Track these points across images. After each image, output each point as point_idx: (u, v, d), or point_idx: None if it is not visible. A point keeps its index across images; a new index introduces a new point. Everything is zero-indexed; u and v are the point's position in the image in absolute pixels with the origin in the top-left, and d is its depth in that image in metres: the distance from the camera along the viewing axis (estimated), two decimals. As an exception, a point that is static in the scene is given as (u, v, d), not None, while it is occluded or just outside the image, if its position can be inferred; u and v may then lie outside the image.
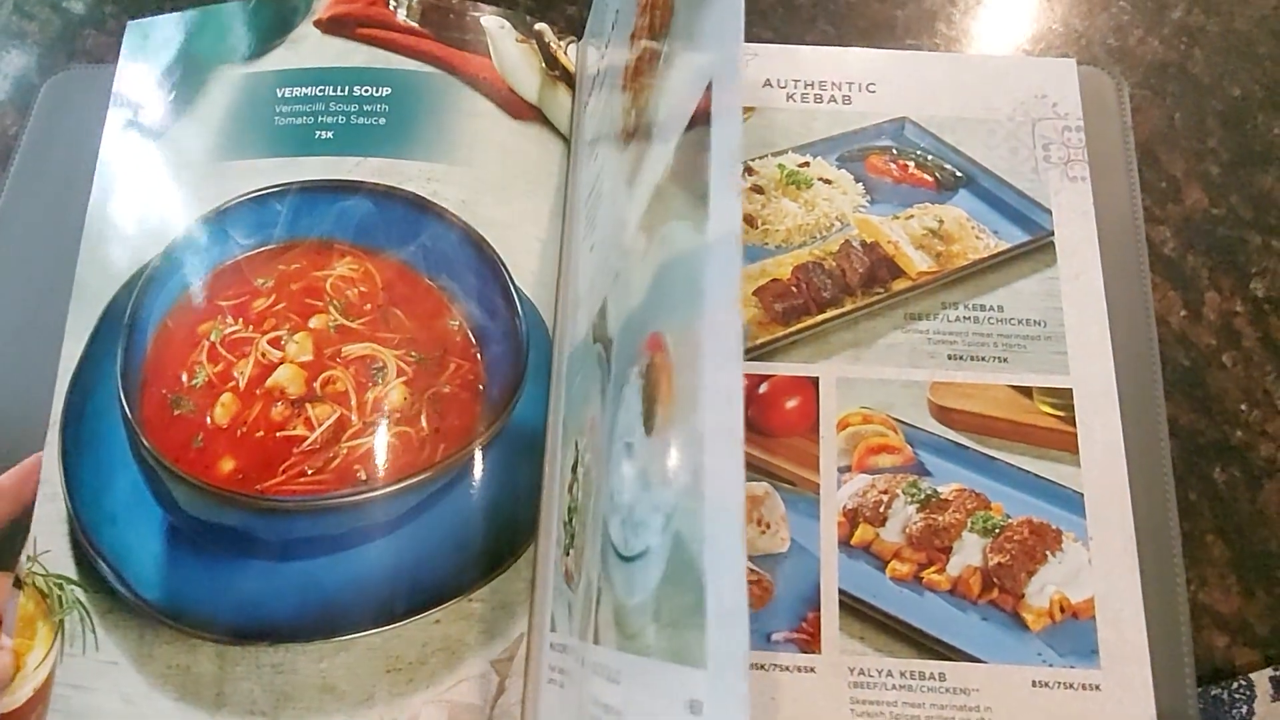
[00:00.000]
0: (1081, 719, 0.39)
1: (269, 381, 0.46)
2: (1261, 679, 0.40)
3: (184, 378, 0.47)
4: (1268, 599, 0.42)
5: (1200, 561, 0.42)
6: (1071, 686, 0.39)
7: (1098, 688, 0.39)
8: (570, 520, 0.43)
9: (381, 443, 0.45)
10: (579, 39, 0.54)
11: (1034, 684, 0.39)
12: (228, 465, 0.45)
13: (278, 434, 0.45)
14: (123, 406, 0.46)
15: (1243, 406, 0.45)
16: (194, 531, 0.45)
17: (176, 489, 0.44)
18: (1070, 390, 0.43)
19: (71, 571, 0.45)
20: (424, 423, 0.46)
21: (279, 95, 0.53)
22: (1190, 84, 0.50)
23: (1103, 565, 0.41)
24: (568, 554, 0.43)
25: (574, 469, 0.44)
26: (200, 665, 0.43)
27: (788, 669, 0.40)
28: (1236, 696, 0.40)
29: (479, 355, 0.48)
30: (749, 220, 0.49)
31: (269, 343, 0.47)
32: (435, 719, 0.41)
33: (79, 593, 0.44)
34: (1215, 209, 0.48)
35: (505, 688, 0.42)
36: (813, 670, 0.40)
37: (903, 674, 0.40)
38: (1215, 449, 0.44)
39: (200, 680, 0.43)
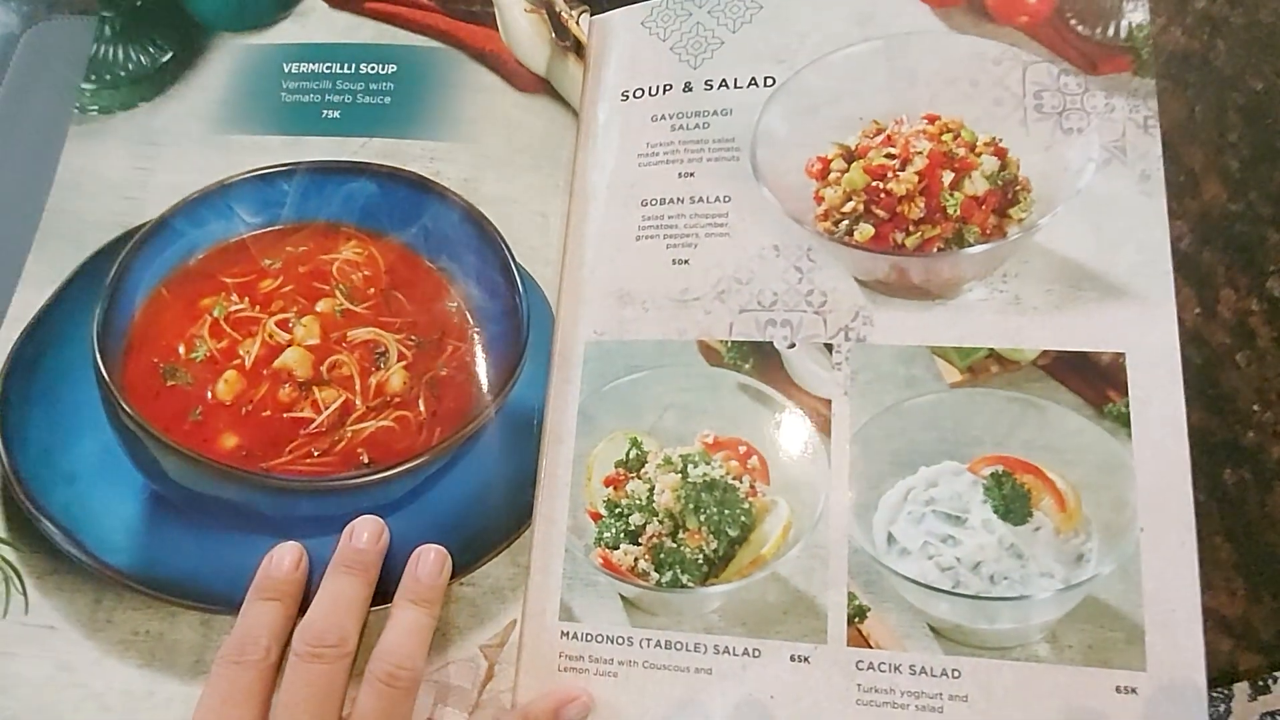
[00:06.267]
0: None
1: (277, 363, 0.46)
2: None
3: (181, 349, 0.47)
4: (1274, 603, 0.41)
5: (1206, 563, 0.41)
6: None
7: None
8: (625, 515, 0.43)
9: (383, 427, 0.45)
10: (591, 10, 0.53)
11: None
12: (230, 441, 0.45)
13: (285, 415, 0.45)
14: (99, 368, 0.45)
15: (1255, 407, 0.44)
16: (185, 501, 0.45)
17: (169, 460, 0.44)
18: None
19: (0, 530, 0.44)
20: (421, 407, 0.46)
21: (286, 70, 0.53)
22: (1212, 76, 0.49)
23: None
24: (614, 548, 0.43)
25: (626, 465, 0.45)
26: (179, 632, 0.43)
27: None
28: (1214, 696, 0.40)
29: (476, 336, 0.48)
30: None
31: (277, 324, 0.47)
32: (423, 700, 0.41)
33: (6, 552, 0.44)
34: (1233, 204, 0.47)
35: (494, 673, 0.42)
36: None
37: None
38: (1226, 449, 0.44)
39: (177, 647, 0.42)
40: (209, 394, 0.46)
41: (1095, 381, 0.41)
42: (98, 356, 0.45)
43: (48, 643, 0.42)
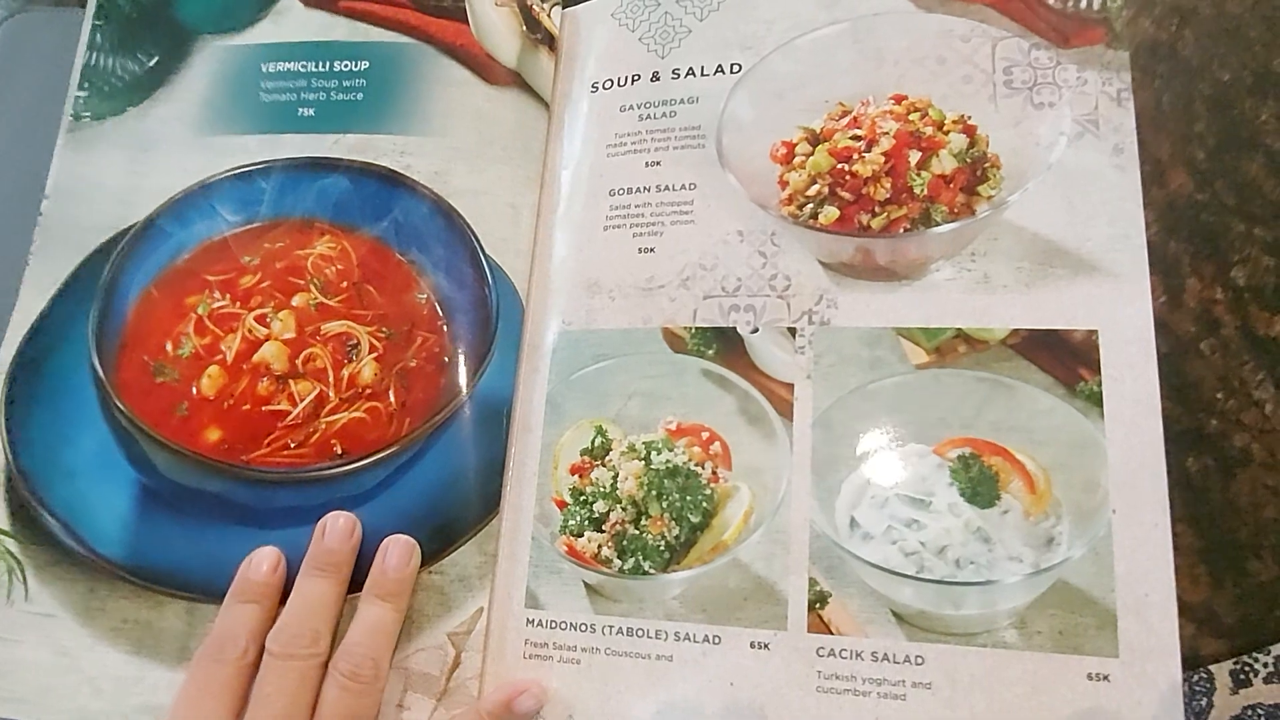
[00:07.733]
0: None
1: (255, 357, 0.47)
2: (1222, 671, 0.40)
3: (169, 347, 0.48)
4: (1236, 589, 0.41)
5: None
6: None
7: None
8: (589, 503, 0.43)
9: (355, 418, 0.46)
10: (563, 3, 0.53)
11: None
12: (214, 435, 0.46)
13: (263, 408, 0.46)
14: (95, 368, 0.46)
15: (1219, 395, 0.44)
16: (172, 495, 0.46)
17: (157, 454, 0.45)
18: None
19: (3, 522, 0.46)
20: (392, 398, 0.47)
21: (263, 70, 0.53)
22: (1180, 66, 0.49)
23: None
24: (578, 536, 0.43)
25: (591, 453, 0.45)
26: (165, 620, 0.44)
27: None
28: (1197, 689, 0.40)
29: (445, 327, 0.48)
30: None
31: (255, 319, 0.48)
32: (391, 687, 0.41)
33: (10, 544, 0.46)
34: (1199, 194, 0.47)
35: (461, 661, 0.42)
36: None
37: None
38: (1189, 437, 0.44)
39: (163, 635, 0.44)
40: (194, 389, 0.47)
41: (1067, 360, 0.41)
42: (94, 357, 0.46)
43: (47, 629, 0.44)
